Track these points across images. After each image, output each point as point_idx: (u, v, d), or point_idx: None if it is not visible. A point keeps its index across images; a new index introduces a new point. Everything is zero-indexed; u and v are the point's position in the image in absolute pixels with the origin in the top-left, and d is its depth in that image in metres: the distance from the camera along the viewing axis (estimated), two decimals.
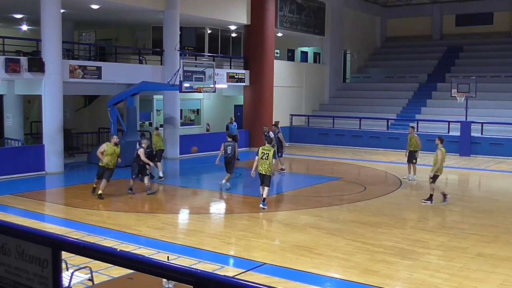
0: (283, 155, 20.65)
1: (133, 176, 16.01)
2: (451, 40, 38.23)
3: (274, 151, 14.62)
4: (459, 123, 26.97)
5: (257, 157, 14.41)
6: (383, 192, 16.90)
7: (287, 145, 23.02)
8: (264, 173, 14.21)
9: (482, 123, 26.93)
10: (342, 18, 35.17)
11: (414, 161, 19.28)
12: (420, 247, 10.82)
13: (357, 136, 29.36)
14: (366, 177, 20.21)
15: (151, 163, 16.05)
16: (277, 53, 31.54)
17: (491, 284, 8.84)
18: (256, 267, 9.54)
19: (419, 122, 28.94)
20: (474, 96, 26.51)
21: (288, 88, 31.23)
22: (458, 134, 26.86)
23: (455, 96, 26.72)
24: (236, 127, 24.40)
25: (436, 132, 27.56)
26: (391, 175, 20.23)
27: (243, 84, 28.04)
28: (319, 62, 36.25)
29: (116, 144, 15.50)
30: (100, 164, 15.31)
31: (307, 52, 37.99)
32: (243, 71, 27.98)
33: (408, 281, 9.04)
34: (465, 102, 26.48)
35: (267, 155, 14.16)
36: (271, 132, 19.71)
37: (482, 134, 26.79)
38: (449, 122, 27.54)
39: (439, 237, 11.64)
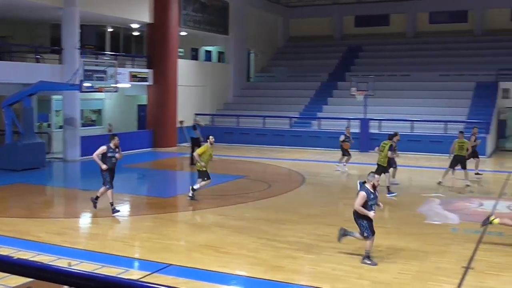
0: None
1: (107, 186, 13.35)
2: (351, 40, 39.51)
3: (391, 145, 16.40)
4: (359, 120, 27.97)
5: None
6: (287, 189, 17.20)
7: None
8: (378, 163, 16.42)
9: (380, 120, 28.07)
10: (246, 17, 35.48)
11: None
12: (323, 241, 11.10)
13: (262, 135, 29.75)
14: (270, 174, 20.49)
15: (103, 166, 13.26)
16: (181, 52, 31.31)
17: (389, 273, 9.22)
18: (162, 268, 9.43)
19: (321, 120, 29.75)
20: (372, 94, 27.57)
21: (192, 87, 31.10)
22: (358, 130, 27.82)
23: (354, 95, 27.69)
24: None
25: (338, 129, 28.46)
26: (295, 172, 20.62)
27: (147, 83, 27.62)
28: (223, 61, 36.36)
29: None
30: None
31: (211, 51, 37.99)
32: (146, 70, 27.57)
33: (313, 275, 9.26)
34: (364, 100, 27.49)
35: (383, 147, 16.40)
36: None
37: (380, 130, 27.90)
38: (349, 119, 28.48)
39: None
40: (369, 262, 9.61)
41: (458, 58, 33.86)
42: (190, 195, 14.77)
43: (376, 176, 10.09)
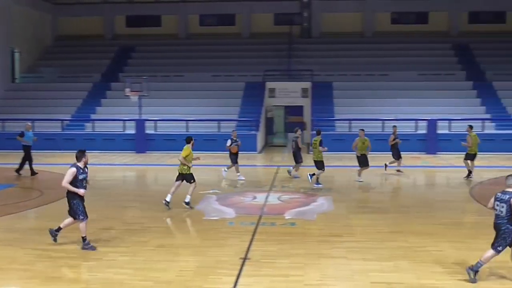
0: None
1: (81, 217, 10.51)
2: (123, 40, 39.03)
3: (321, 140, 17.90)
4: (134, 121, 27.77)
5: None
6: (61, 195, 16.25)
7: None
8: (315, 159, 17.99)
9: (155, 120, 28.18)
10: (8, 14, 33.03)
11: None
12: (103, 246, 10.77)
13: None
14: (43, 181, 19.38)
15: (81, 191, 10.44)
16: None
17: (172, 271, 9.26)
18: None
19: (95, 121, 28.95)
20: (147, 94, 27.58)
21: None
22: (134, 132, 27.64)
23: (128, 95, 27.45)
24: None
25: (113, 131, 27.95)
26: None
27: None
28: None
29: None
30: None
31: None
32: None
33: (93, 282, 8.91)
34: (138, 100, 27.37)
35: (315, 144, 17.89)
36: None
37: (156, 131, 28.05)
38: (124, 120, 28.14)
39: (120, 233, 11.76)
40: None
41: (228, 60, 35.47)
42: (187, 203, 14.24)
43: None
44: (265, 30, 38.53)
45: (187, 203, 14.26)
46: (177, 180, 14.38)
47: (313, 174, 17.94)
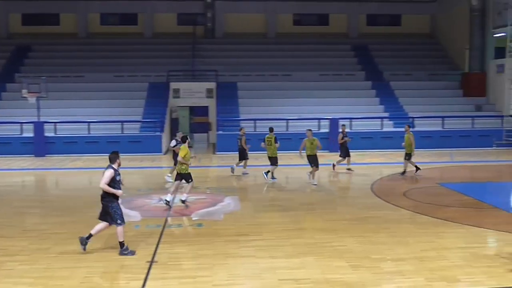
0: None
1: (119, 221, 10.35)
2: (18, 39, 37.28)
3: (275, 137, 18.74)
4: (32, 124, 26.67)
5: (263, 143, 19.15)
6: None
7: None
8: (270, 156, 18.86)
9: (55, 122, 27.18)
10: None
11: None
12: (1, 255, 10.24)
13: None
14: None
15: (119, 192, 10.30)
16: None
17: (76, 278, 8.95)
18: None
19: None
20: (45, 96, 26.56)
21: None
22: (32, 135, 26.54)
23: (26, 97, 26.35)
24: None
25: (9, 134, 26.70)
26: None
27: None
28: None
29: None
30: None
31: None
32: None
33: None
34: (37, 102, 26.31)
35: (269, 141, 18.79)
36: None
37: (56, 133, 27.06)
38: (21, 123, 26.95)
39: (20, 241, 11.23)
40: None
41: (130, 60, 34.80)
42: (183, 201, 14.65)
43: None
44: (168, 30, 38.11)
45: (183, 201, 14.59)
46: (176, 180, 14.87)
47: (268, 172, 18.59)
